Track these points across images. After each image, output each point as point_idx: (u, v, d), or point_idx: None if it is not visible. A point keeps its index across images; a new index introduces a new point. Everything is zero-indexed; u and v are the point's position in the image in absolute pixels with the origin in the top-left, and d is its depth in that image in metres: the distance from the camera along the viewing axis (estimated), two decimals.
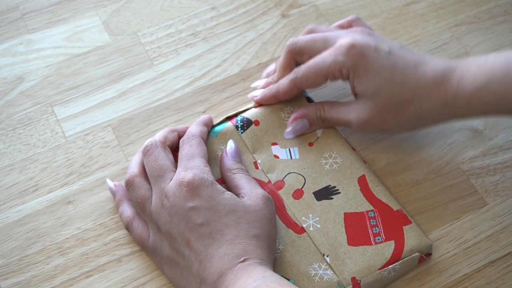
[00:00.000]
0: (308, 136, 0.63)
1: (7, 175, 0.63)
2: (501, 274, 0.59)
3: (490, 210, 0.63)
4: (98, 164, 0.64)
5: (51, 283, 0.58)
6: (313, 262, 0.57)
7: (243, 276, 0.50)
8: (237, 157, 0.61)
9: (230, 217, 0.53)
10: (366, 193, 0.61)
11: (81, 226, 0.61)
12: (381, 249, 0.57)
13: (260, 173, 0.61)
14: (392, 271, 0.57)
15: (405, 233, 0.58)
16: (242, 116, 0.63)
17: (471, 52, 0.71)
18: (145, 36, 0.72)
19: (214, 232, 0.53)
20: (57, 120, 0.66)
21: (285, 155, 0.62)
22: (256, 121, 0.63)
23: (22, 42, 0.71)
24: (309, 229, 0.58)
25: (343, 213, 0.59)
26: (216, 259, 0.52)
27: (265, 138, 0.63)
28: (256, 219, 0.54)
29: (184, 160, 0.57)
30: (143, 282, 0.58)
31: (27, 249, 0.60)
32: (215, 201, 0.54)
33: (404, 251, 0.58)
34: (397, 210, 0.60)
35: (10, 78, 0.69)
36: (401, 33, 0.72)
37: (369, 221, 0.59)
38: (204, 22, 0.73)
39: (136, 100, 0.68)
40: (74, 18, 0.73)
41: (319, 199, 0.60)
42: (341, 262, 0.57)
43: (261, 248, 0.53)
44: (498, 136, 0.66)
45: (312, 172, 0.61)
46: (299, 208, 0.59)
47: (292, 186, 0.61)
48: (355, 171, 0.62)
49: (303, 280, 0.56)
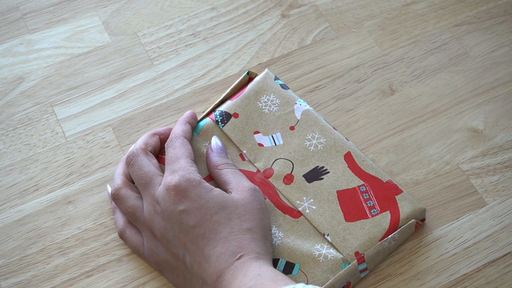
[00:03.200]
0: (288, 120, 0.63)
1: (7, 175, 0.63)
2: (501, 274, 0.59)
3: (490, 210, 0.63)
4: (98, 164, 0.64)
5: (51, 283, 0.58)
6: (315, 244, 0.58)
7: (239, 275, 0.51)
8: (223, 153, 0.61)
9: (221, 214, 0.54)
10: (355, 169, 0.61)
11: (81, 226, 0.61)
12: (378, 221, 0.58)
13: (248, 164, 0.61)
14: (392, 240, 0.58)
15: (398, 202, 0.60)
16: (220, 111, 0.64)
17: (471, 52, 0.71)
18: (145, 36, 0.72)
19: (207, 232, 0.53)
20: (57, 120, 0.66)
21: (269, 142, 0.62)
22: (235, 113, 0.63)
23: (22, 42, 0.71)
24: (305, 211, 0.59)
25: (336, 191, 0.60)
26: (213, 259, 0.52)
27: (246, 129, 0.63)
28: (247, 212, 0.54)
29: (169, 163, 0.57)
30: (143, 282, 0.59)
31: (27, 249, 0.60)
32: (204, 200, 0.54)
33: (401, 219, 0.59)
34: (387, 181, 0.61)
35: (10, 78, 0.69)
36: (401, 33, 0.73)
37: (362, 195, 0.60)
38: (204, 22, 0.73)
39: (136, 100, 0.68)
40: (74, 18, 0.73)
41: (310, 180, 0.60)
42: (342, 239, 0.58)
43: (256, 241, 0.53)
44: (498, 136, 0.66)
45: (299, 155, 0.62)
46: (291, 192, 0.60)
47: (281, 172, 0.61)
48: (340, 149, 0.62)
49: (309, 263, 0.57)
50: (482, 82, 0.69)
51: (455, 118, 0.67)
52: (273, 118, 0.63)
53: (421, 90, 0.69)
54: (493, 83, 0.69)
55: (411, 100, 0.68)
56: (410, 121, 0.67)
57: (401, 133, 0.66)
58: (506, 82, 0.69)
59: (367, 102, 0.68)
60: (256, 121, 0.63)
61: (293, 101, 0.64)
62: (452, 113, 0.68)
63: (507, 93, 0.69)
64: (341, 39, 0.72)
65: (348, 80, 0.69)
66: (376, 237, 0.58)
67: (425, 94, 0.69)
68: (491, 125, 0.67)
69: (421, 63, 0.70)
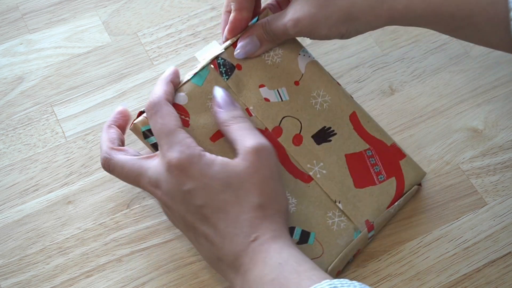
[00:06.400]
0: (292, 75, 0.61)
1: (7, 175, 0.63)
2: (501, 274, 0.59)
3: (490, 210, 0.63)
4: (98, 164, 0.64)
5: (51, 283, 0.58)
6: (327, 211, 0.58)
7: (259, 262, 0.49)
8: (229, 105, 0.56)
9: (227, 192, 0.51)
10: (360, 131, 0.61)
11: (81, 226, 0.61)
12: (385, 187, 0.59)
13: (255, 120, 0.59)
14: (397, 206, 0.60)
15: (402, 167, 0.60)
16: (222, 59, 0.59)
17: (471, 52, 0.71)
18: (145, 36, 0.72)
19: (216, 211, 0.51)
20: (57, 120, 0.66)
21: (275, 97, 0.60)
22: (238, 65, 0.60)
23: (22, 42, 0.71)
24: (316, 176, 0.59)
25: (344, 155, 0.60)
26: (227, 240, 0.50)
27: (251, 82, 0.59)
28: (255, 185, 0.51)
29: (162, 137, 0.53)
30: (143, 282, 0.59)
31: (27, 249, 0.60)
32: (207, 178, 0.51)
33: (405, 186, 0.60)
34: (391, 144, 0.61)
35: (10, 78, 0.69)
36: (401, 33, 0.73)
37: (368, 160, 0.60)
38: (204, 22, 0.73)
39: (136, 100, 0.68)
40: (74, 18, 0.73)
41: (319, 142, 0.60)
42: (352, 206, 0.58)
43: (269, 217, 0.51)
44: (498, 136, 0.66)
45: (306, 114, 0.60)
46: (301, 155, 0.59)
47: (290, 132, 0.59)
48: (345, 108, 0.61)
49: (324, 232, 0.57)
50: (482, 82, 0.69)
51: (455, 118, 0.67)
52: (277, 70, 0.60)
53: (421, 90, 0.69)
54: (493, 83, 0.69)
55: (411, 100, 0.68)
56: (410, 121, 0.67)
57: (401, 133, 0.66)
58: (506, 82, 0.69)
59: (367, 102, 0.68)
60: (260, 74, 0.60)
61: (296, 51, 0.61)
62: (452, 113, 0.68)
63: (507, 93, 0.69)
64: None
65: (348, 80, 0.69)
66: (383, 204, 0.59)
67: (425, 94, 0.69)
68: (491, 125, 0.67)
69: (421, 63, 0.71)
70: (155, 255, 0.60)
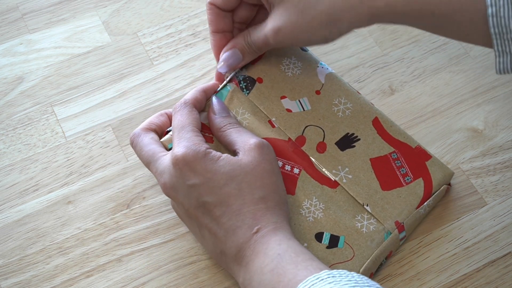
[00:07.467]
0: (313, 85, 0.62)
1: (7, 175, 0.63)
2: (501, 274, 0.59)
3: (490, 210, 0.63)
4: (98, 164, 0.64)
5: (51, 283, 0.58)
6: (356, 214, 0.58)
7: (260, 253, 0.50)
8: (224, 112, 0.59)
9: (231, 185, 0.53)
10: (384, 135, 0.61)
11: (81, 226, 0.61)
12: (413, 188, 0.59)
13: (278, 131, 0.60)
14: (427, 207, 0.60)
15: (429, 168, 0.60)
16: (243, 75, 0.61)
17: (471, 52, 0.71)
18: (145, 36, 0.72)
19: (219, 205, 0.52)
20: (57, 120, 0.66)
21: (297, 107, 0.61)
22: (259, 78, 0.61)
23: (22, 42, 0.71)
24: (342, 181, 0.59)
25: (369, 159, 0.60)
26: (230, 233, 0.52)
27: (272, 94, 0.61)
28: (257, 177, 0.53)
29: (175, 131, 0.56)
30: (143, 282, 0.59)
31: (27, 249, 0.60)
32: (211, 173, 0.53)
33: (433, 186, 0.60)
34: (416, 147, 0.61)
35: (10, 78, 0.69)
36: (400, 33, 0.72)
37: (394, 163, 0.60)
38: (204, 22, 0.73)
39: (136, 100, 0.68)
40: (74, 18, 0.73)
41: (343, 148, 0.60)
42: (381, 209, 0.58)
43: (271, 209, 0.53)
44: (498, 136, 0.66)
45: (328, 122, 0.61)
46: (326, 162, 0.60)
47: (313, 140, 0.60)
48: (367, 114, 0.62)
49: (353, 235, 0.57)
50: (482, 82, 0.69)
51: (455, 118, 0.67)
52: (298, 81, 0.62)
53: (421, 90, 0.69)
54: (493, 83, 0.69)
55: (411, 100, 0.68)
56: (410, 121, 0.67)
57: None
58: (506, 82, 0.69)
59: None
60: (281, 85, 0.62)
61: (315, 64, 0.63)
62: (452, 113, 0.68)
63: (507, 93, 0.69)
64: (341, 39, 0.72)
65: (348, 80, 0.69)
66: (412, 205, 0.59)
67: (425, 94, 0.69)
68: (491, 125, 0.67)
69: (421, 63, 0.70)
70: (155, 255, 0.60)
